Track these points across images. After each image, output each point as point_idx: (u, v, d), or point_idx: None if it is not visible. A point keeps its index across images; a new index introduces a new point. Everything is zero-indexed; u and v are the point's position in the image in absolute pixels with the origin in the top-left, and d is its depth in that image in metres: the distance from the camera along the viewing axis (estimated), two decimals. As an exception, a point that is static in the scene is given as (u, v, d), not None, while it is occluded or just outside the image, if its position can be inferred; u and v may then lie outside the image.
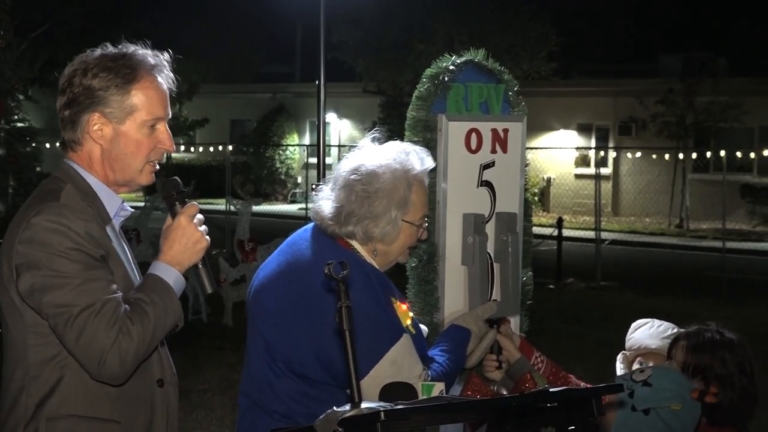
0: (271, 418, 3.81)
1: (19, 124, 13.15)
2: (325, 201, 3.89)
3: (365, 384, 3.62)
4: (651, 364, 4.19)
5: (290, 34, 44.54)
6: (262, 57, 43.24)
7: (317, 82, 11.94)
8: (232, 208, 18.83)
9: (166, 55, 3.47)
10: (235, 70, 41.11)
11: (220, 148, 33.90)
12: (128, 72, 3.33)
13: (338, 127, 39.27)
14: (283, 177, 38.76)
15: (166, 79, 3.43)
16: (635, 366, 4.42)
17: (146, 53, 3.41)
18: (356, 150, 3.96)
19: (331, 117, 36.66)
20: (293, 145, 38.58)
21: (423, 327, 4.15)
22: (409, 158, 3.90)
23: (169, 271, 3.27)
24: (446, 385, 3.87)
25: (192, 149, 39.69)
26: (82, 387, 3.23)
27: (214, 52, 38.14)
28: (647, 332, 4.63)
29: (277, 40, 43.80)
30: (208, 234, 3.38)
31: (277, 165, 38.56)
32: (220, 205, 25.39)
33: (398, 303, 3.87)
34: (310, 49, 32.99)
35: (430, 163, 3.97)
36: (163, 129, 3.41)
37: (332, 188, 3.91)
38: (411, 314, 3.94)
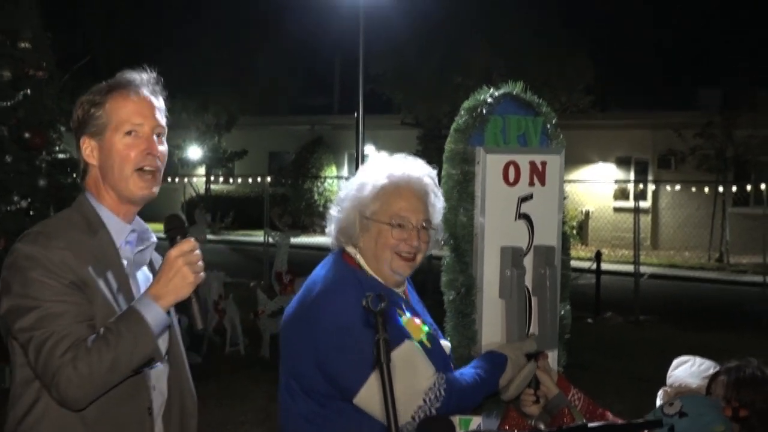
0: None
1: (61, 156, 13.24)
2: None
3: (364, 393, 3.71)
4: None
5: (328, 66, 44.74)
6: (300, 89, 43.43)
7: (355, 115, 11.98)
8: (271, 239, 18.87)
9: (146, 74, 3.56)
10: (273, 102, 41.31)
11: (259, 179, 34.05)
12: (103, 89, 3.49)
13: (376, 160, 39.26)
14: (321, 209, 38.79)
15: (147, 91, 3.52)
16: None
17: (126, 72, 3.54)
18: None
19: (369, 149, 36.77)
20: (331, 177, 38.67)
21: (445, 343, 4.16)
22: (389, 166, 4.03)
23: (149, 305, 3.27)
24: (468, 399, 3.90)
25: (231, 181, 39.90)
26: (56, 410, 3.28)
27: (253, 84, 38.35)
28: (689, 370, 4.59)
29: (316, 73, 43.99)
30: (204, 271, 3.38)
31: (316, 197, 38.63)
32: (258, 236, 25.47)
33: (408, 317, 3.93)
34: (348, 82, 33.16)
35: (413, 171, 4.03)
36: (144, 134, 3.48)
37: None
38: (426, 329, 3.98)
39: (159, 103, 3.55)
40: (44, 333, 3.19)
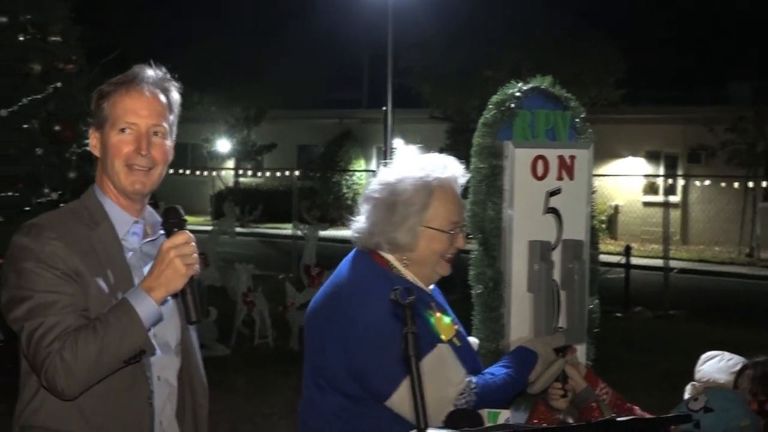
0: None
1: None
2: (358, 218, 3.99)
3: (395, 398, 3.69)
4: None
5: (357, 60, 44.78)
6: (329, 83, 43.48)
7: (384, 108, 11.97)
8: (299, 232, 18.91)
9: (152, 71, 3.56)
10: (302, 95, 41.36)
11: (287, 173, 34.09)
12: (109, 86, 3.53)
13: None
14: (349, 202, 38.83)
15: (150, 89, 3.51)
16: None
17: (138, 67, 3.56)
18: (384, 167, 4.04)
19: (397, 143, 36.75)
20: (360, 171, 38.70)
21: (473, 339, 4.15)
22: (430, 167, 3.93)
23: (141, 296, 3.29)
24: (497, 400, 3.87)
25: (259, 174, 39.97)
26: (54, 401, 3.32)
27: (282, 78, 38.40)
28: (716, 365, 4.58)
29: (344, 66, 44.00)
30: (203, 263, 3.41)
31: (344, 190, 38.68)
32: (286, 229, 25.53)
33: (438, 316, 3.85)
34: (376, 75, 33.18)
35: (455, 171, 3.98)
36: (137, 133, 3.48)
37: (361, 205, 4.01)
38: (456, 327, 3.93)
39: (164, 100, 3.54)
40: (34, 323, 3.25)
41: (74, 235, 3.39)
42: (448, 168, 3.96)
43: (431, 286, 4.06)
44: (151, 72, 3.54)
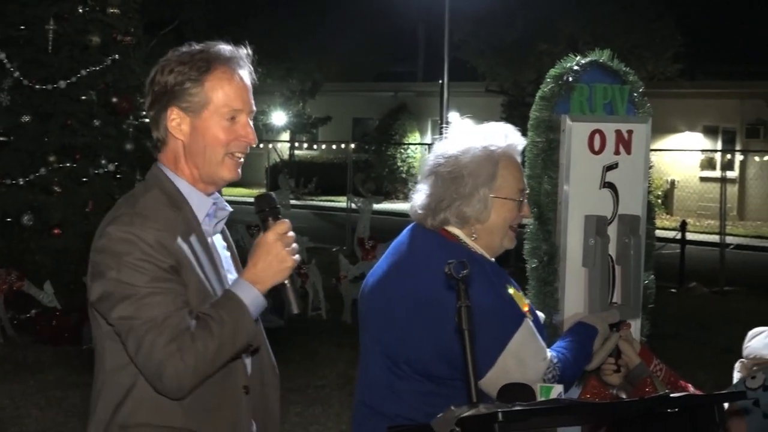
0: (393, 422, 3.69)
1: (147, 120, 13.42)
2: (417, 194, 3.89)
3: (492, 375, 3.60)
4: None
5: (413, 33, 44.67)
6: (384, 56, 43.44)
7: (440, 81, 11.95)
8: (354, 205, 18.95)
9: (244, 50, 3.42)
10: (357, 68, 41.38)
11: (343, 146, 34.15)
12: (202, 65, 3.30)
13: (460, 127, 39.16)
14: (404, 176, 38.88)
15: (245, 72, 3.39)
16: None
17: (224, 47, 3.36)
18: (440, 139, 3.95)
19: (452, 116, 36.63)
20: (415, 144, 38.66)
21: (540, 314, 4.09)
22: (492, 136, 3.85)
23: (248, 289, 3.19)
24: (570, 378, 3.83)
25: (314, 147, 40.06)
26: (154, 395, 3.18)
27: (338, 51, 38.43)
28: (763, 341, 4.52)
29: (400, 39, 43.92)
30: (298, 252, 3.29)
31: (399, 163, 38.69)
32: (341, 202, 25.57)
33: (514, 290, 3.80)
34: (432, 49, 33.09)
35: (515, 139, 3.89)
36: (243, 122, 3.37)
37: (421, 180, 3.91)
38: (527, 301, 3.88)
39: (251, 83, 3.42)
40: (144, 323, 3.08)
41: (172, 223, 3.22)
42: (509, 136, 3.89)
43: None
44: (243, 52, 3.41)
